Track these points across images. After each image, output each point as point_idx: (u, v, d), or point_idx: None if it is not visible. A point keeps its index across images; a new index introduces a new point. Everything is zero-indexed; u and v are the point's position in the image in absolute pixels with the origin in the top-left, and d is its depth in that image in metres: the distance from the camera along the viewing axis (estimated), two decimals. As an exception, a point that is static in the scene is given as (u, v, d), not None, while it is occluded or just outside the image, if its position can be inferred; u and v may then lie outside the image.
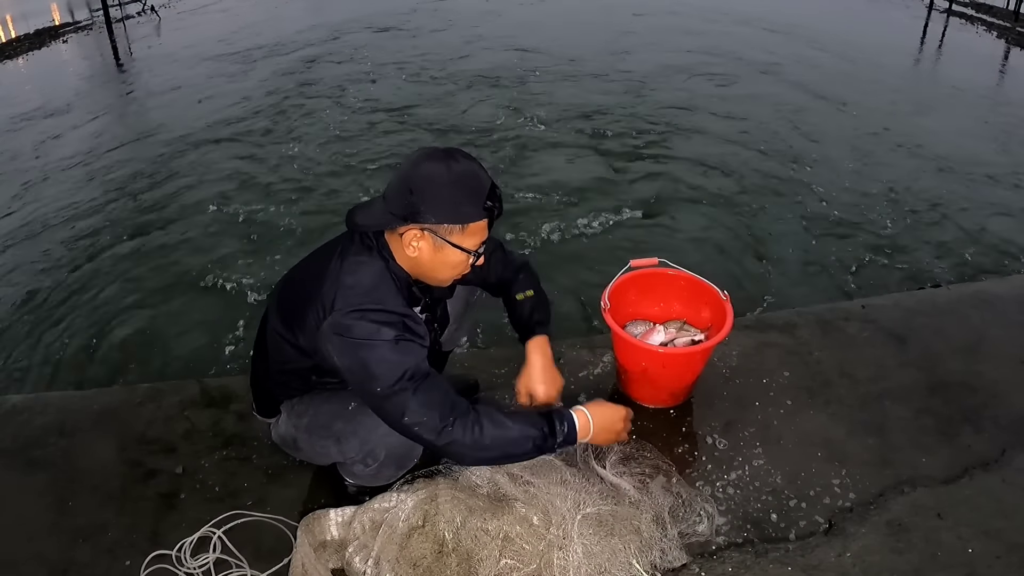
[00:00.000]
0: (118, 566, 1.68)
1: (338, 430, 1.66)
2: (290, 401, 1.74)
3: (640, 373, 2.05)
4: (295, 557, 1.62)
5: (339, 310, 1.46)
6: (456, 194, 1.45)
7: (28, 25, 9.03)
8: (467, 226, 1.48)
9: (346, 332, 1.45)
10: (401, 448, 1.66)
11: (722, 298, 2.07)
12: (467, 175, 1.46)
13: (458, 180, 1.45)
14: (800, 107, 6.01)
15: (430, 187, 1.44)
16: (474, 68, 6.97)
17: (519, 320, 1.86)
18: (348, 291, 1.48)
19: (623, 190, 4.59)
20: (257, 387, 1.81)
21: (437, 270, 1.55)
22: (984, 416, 2.12)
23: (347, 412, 1.66)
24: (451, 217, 1.46)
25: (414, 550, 1.59)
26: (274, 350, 1.66)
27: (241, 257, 3.88)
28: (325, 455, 1.73)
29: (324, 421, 1.68)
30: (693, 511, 1.78)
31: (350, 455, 1.67)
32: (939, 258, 3.88)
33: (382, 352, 1.44)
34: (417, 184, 1.45)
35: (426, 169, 1.45)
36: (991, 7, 9.53)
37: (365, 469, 1.69)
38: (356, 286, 1.49)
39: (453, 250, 1.50)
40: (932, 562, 1.67)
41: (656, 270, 2.20)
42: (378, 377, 1.44)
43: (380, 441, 1.63)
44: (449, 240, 1.48)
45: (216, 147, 5.33)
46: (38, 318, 3.47)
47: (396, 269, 1.55)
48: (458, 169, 1.45)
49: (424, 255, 1.51)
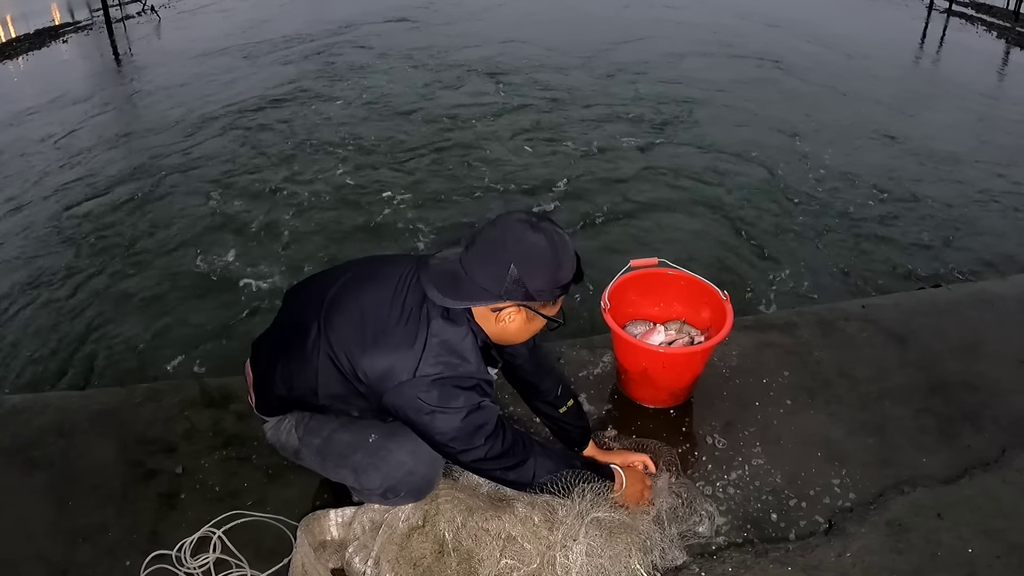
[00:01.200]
0: (118, 566, 1.68)
1: (357, 462, 1.62)
2: (301, 413, 1.68)
3: (640, 373, 2.05)
4: (295, 557, 1.62)
5: (426, 375, 1.44)
6: (556, 270, 1.42)
7: (28, 25, 9.02)
8: (559, 298, 1.49)
9: (430, 400, 1.44)
10: (423, 483, 1.64)
11: (722, 298, 2.07)
12: (563, 249, 1.43)
13: (557, 255, 1.42)
14: (799, 107, 6.01)
15: (535, 266, 1.40)
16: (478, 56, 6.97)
17: (570, 436, 1.87)
18: (436, 354, 1.45)
19: (621, 188, 4.59)
20: (264, 385, 1.68)
21: (519, 337, 1.54)
22: (984, 416, 2.12)
23: (368, 445, 1.61)
24: (550, 296, 1.45)
25: (414, 550, 1.59)
26: (324, 374, 1.54)
27: (242, 257, 3.88)
28: (338, 478, 1.69)
29: (342, 450, 1.63)
30: (694, 511, 1.78)
31: (368, 486, 1.63)
32: (938, 258, 3.89)
33: (461, 420, 1.46)
34: (521, 260, 1.39)
35: (528, 244, 1.40)
36: (991, 7, 9.53)
37: (383, 500, 1.66)
38: (443, 350, 1.46)
39: (541, 320, 1.51)
40: (932, 562, 1.67)
41: (656, 270, 2.20)
42: (457, 440, 1.48)
43: (403, 480, 1.61)
44: (541, 313, 1.49)
45: (216, 145, 5.33)
46: (38, 317, 3.47)
47: (476, 330, 1.51)
48: (557, 243, 1.42)
49: (515, 326, 1.50)
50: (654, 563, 1.63)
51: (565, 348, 2.37)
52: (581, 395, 2.16)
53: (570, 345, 2.40)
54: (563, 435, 1.87)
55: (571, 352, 2.35)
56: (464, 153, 5.12)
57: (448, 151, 5.16)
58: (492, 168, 4.89)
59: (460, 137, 5.39)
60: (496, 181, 4.70)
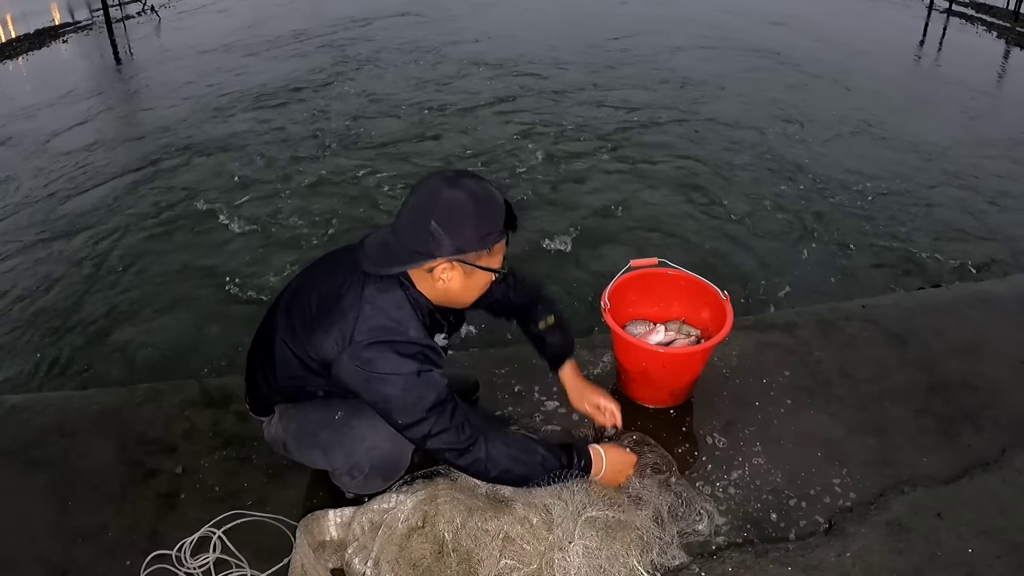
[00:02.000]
0: (118, 566, 1.68)
1: (323, 440, 1.66)
2: (284, 405, 1.74)
3: (640, 373, 2.05)
4: (295, 557, 1.61)
5: (360, 341, 1.45)
6: (481, 220, 1.44)
7: (28, 25, 9.02)
8: (494, 247, 1.49)
9: (367, 366, 1.45)
10: (386, 461, 1.67)
11: (722, 298, 2.06)
12: (486, 198, 1.45)
13: (480, 205, 1.44)
14: (797, 105, 6.01)
15: (455, 218, 1.42)
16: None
17: (548, 350, 1.91)
18: (369, 320, 1.47)
19: (619, 186, 4.59)
20: (254, 387, 1.79)
21: (466, 295, 1.55)
22: (984, 416, 2.12)
23: (333, 422, 1.65)
24: (479, 243, 1.45)
25: (414, 551, 1.59)
26: (281, 363, 1.63)
27: (243, 257, 3.88)
28: (313, 462, 1.74)
29: (311, 429, 1.68)
30: (693, 510, 1.78)
31: (336, 466, 1.69)
32: (937, 255, 3.89)
33: (403, 385, 1.45)
34: (440, 216, 1.41)
35: (446, 199, 1.42)
36: (991, 7, 9.53)
37: (352, 480, 1.71)
38: (376, 315, 1.48)
39: (483, 273, 1.50)
40: (932, 562, 1.67)
41: (656, 270, 2.20)
42: (401, 410, 1.46)
43: (365, 455, 1.63)
44: (478, 265, 1.48)
45: (217, 145, 5.33)
46: (38, 317, 3.47)
47: (416, 296, 1.53)
48: (478, 193, 1.43)
49: (454, 284, 1.50)
50: (653, 562, 1.63)
51: (590, 357, 2.37)
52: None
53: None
54: (544, 350, 1.93)
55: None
56: (469, 148, 5.13)
57: (453, 147, 5.17)
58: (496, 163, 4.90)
59: (463, 135, 5.39)
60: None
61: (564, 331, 1.92)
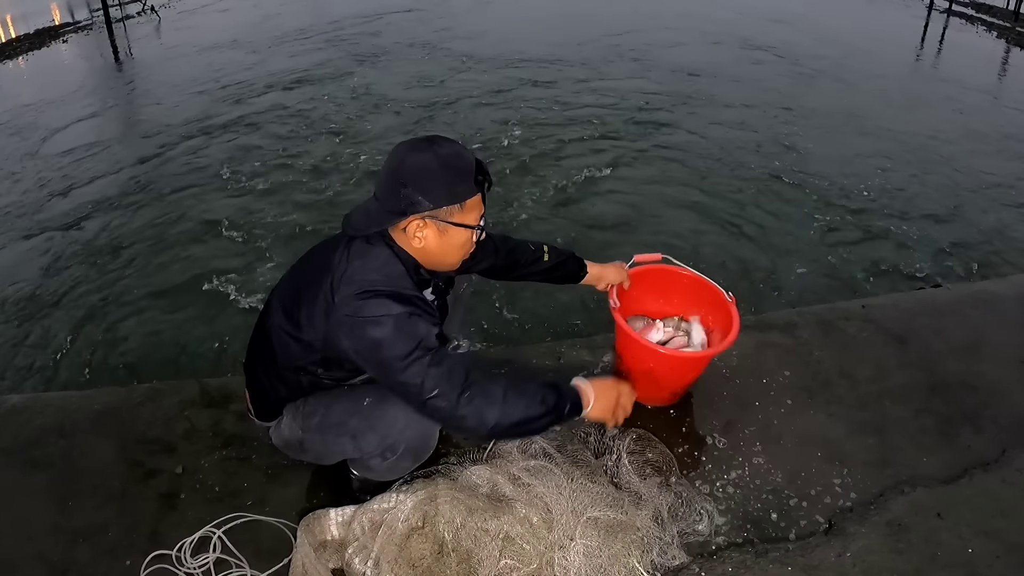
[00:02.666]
0: (118, 566, 1.68)
1: (354, 427, 1.65)
2: (294, 403, 1.72)
3: (645, 373, 2.05)
4: (295, 557, 1.62)
5: (347, 292, 1.48)
6: (448, 176, 1.49)
7: (28, 25, 9.03)
8: (464, 203, 1.52)
9: (355, 312, 1.47)
10: (419, 440, 1.68)
11: (727, 299, 2.06)
12: (453, 155, 1.50)
13: (446, 162, 1.49)
14: (795, 104, 6.01)
15: (422, 175, 1.48)
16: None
17: (566, 268, 2.04)
18: (355, 272, 1.51)
19: (615, 185, 4.60)
20: (256, 390, 1.77)
21: (446, 254, 1.57)
22: (984, 416, 2.12)
23: (363, 408, 1.66)
24: (448, 199, 1.49)
25: (414, 551, 1.60)
26: (280, 348, 1.64)
27: (244, 256, 3.88)
28: (339, 452, 1.72)
29: (338, 419, 1.67)
30: (693, 510, 1.78)
31: (368, 450, 1.67)
32: (937, 257, 3.89)
33: (394, 326, 1.46)
34: (408, 176, 1.48)
35: (413, 160, 1.49)
36: (991, 7, 9.54)
37: (383, 463, 1.69)
38: (363, 268, 1.52)
39: (458, 230, 1.53)
40: (932, 562, 1.67)
41: (661, 267, 2.20)
42: (392, 350, 1.46)
43: (400, 435, 1.64)
44: (451, 221, 1.52)
45: (218, 144, 5.33)
46: (38, 317, 3.47)
47: (402, 254, 1.57)
48: (444, 152, 1.49)
49: (431, 242, 1.54)
50: (653, 562, 1.63)
51: (565, 348, 2.37)
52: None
53: (570, 345, 2.40)
54: (563, 275, 2.05)
55: (571, 352, 2.35)
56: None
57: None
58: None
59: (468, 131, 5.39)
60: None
61: (560, 249, 2.04)
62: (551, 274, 2.04)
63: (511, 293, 3.33)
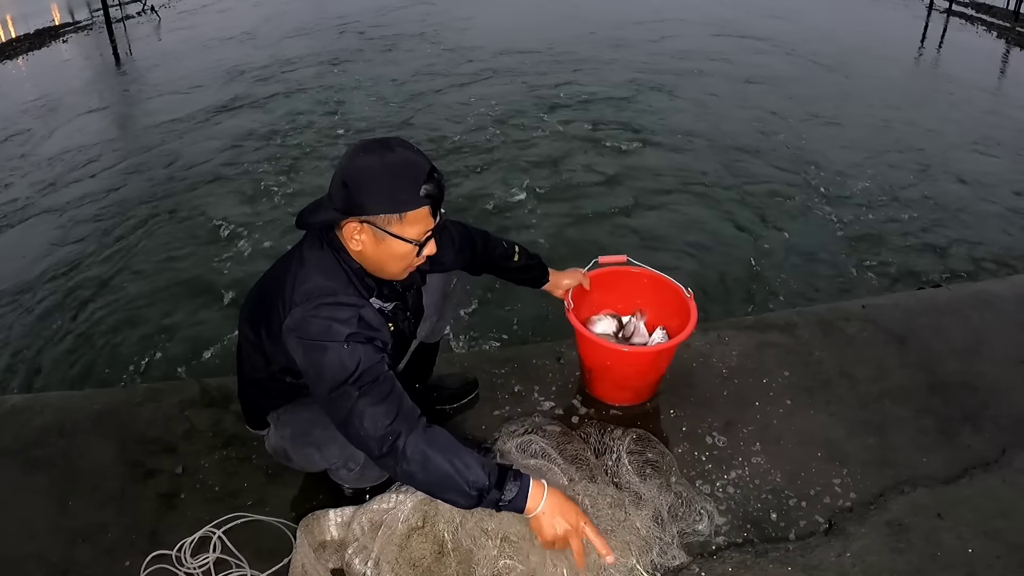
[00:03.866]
0: (118, 566, 1.68)
1: (317, 437, 1.65)
2: (275, 412, 1.73)
3: (604, 371, 2.06)
4: (295, 557, 1.62)
5: (297, 304, 1.45)
6: (391, 183, 1.41)
7: (28, 25, 9.03)
8: (405, 215, 1.43)
9: (302, 332, 1.43)
10: None
11: (686, 295, 2.07)
12: (402, 163, 1.42)
13: (392, 168, 1.41)
14: (793, 103, 6.01)
15: (364, 178, 1.41)
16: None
17: (530, 273, 2.03)
18: (302, 284, 1.47)
19: (613, 183, 4.60)
20: (244, 400, 1.79)
21: (384, 263, 1.50)
22: (984, 416, 2.12)
23: (324, 418, 1.60)
24: (387, 207, 1.42)
25: (413, 551, 1.59)
26: (248, 359, 1.64)
27: (244, 257, 3.88)
28: (312, 463, 1.72)
29: (304, 429, 1.67)
30: (693, 510, 1.78)
31: (332, 461, 1.68)
32: (937, 257, 3.89)
33: (332, 354, 1.40)
34: (352, 176, 1.42)
35: (360, 161, 1.42)
36: (991, 7, 9.54)
37: (349, 473, 1.71)
38: (309, 278, 1.48)
39: (396, 241, 1.45)
40: (932, 562, 1.67)
41: (619, 268, 2.20)
42: (325, 379, 1.40)
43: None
44: (388, 231, 1.44)
45: (218, 143, 5.33)
46: (39, 317, 3.47)
47: (347, 260, 1.52)
48: (392, 158, 1.41)
49: (367, 248, 1.48)
50: (653, 562, 1.63)
51: (565, 348, 2.37)
52: (577, 396, 2.17)
53: (571, 345, 2.40)
54: (527, 279, 2.04)
55: (571, 352, 2.35)
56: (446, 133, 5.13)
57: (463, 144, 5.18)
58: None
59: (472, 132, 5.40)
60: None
61: (529, 252, 2.02)
62: (516, 275, 2.02)
63: (511, 293, 3.33)
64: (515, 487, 1.40)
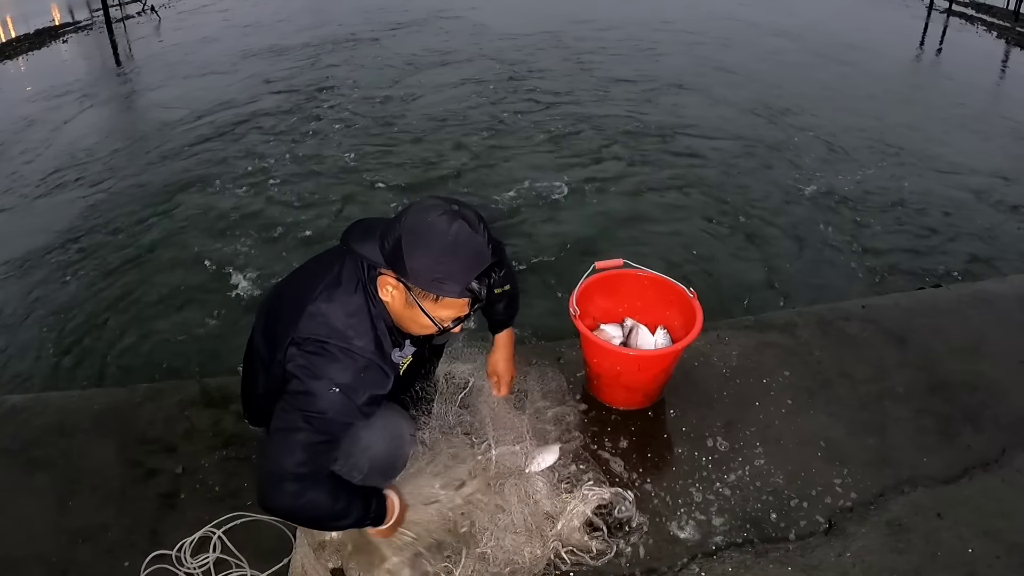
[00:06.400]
0: (118, 566, 1.68)
1: None
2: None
3: (614, 376, 2.05)
4: (295, 558, 1.62)
5: (301, 338, 1.41)
6: (442, 264, 1.33)
7: (28, 25, 9.03)
8: (441, 299, 1.37)
9: (300, 372, 1.40)
10: (384, 461, 1.64)
11: (688, 296, 2.07)
12: (462, 247, 1.33)
13: (452, 250, 1.33)
14: (792, 104, 6.00)
15: (419, 245, 1.33)
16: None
17: (494, 315, 1.89)
18: (315, 319, 1.42)
19: (613, 184, 4.60)
20: (247, 397, 1.79)
21: (404, 323, 1.46)
22: (984, 416, 2.12)
23: None
24: (426, 284, 1.35)
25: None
26: (261, 370, 1.62)
27: (245, 257, 3.88)
28: None
29: None
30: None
31: (336, 468, 1.64)
32: (937, 257, 3.89)
33: (316, 396, 1.39)
34: (410, 234, 1.34)
35: (426, 224, 1.34)
36: (991, 7, 9.53)
37: (353, 481, 1.68)
38: (330, 311, 1.42)
39: (423, 315, 1.41)
40: (932, 562, 1.67)
41: (621, 271, 2.19)
42: (300, 426, 1.39)
43: (362, 455, 1.61)
44: (420, 304, 1.38)
45: (219, 142, 5.33)
46: (39, 317, 3.46)
47: (382, 312, 1.46)
48: (455, 238, 1.32)
49: (395, 305, 1.43)
50: None
51: (565, 348, 2.37)
52: (576, 396, 2.17)
53: (570, 345, 2.39)
54: (490, 313, 1.87)
55: (571, 352, 2.35)
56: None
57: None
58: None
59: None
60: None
61: (514, 301, 1.89)
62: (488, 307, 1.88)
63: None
64: (379, 507, 1.55)
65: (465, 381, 2.01)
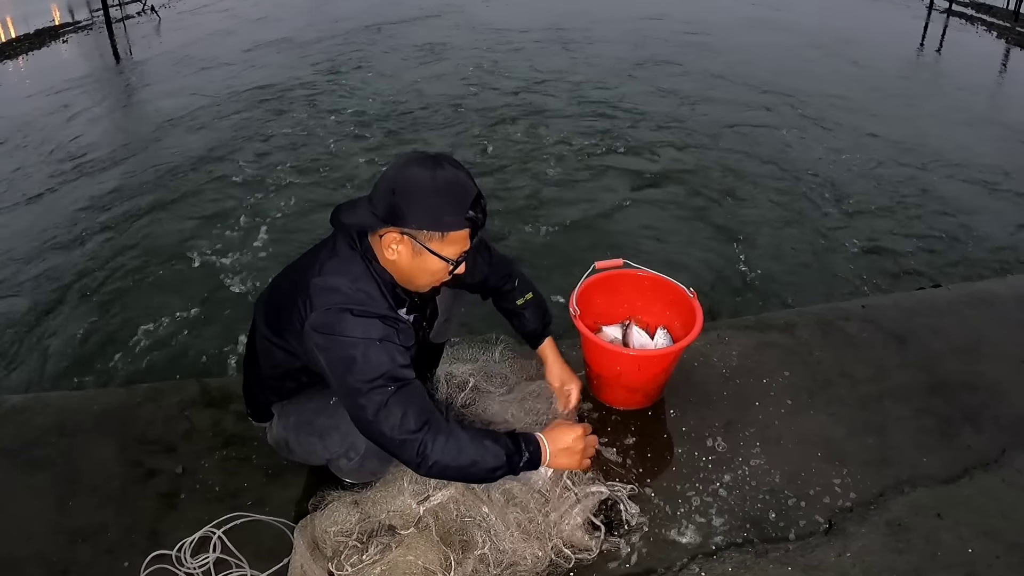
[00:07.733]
0: (118, 566, 1.68)
1: (320, 425, 1.68)
2: (280, 403, 1.77)
3: (615, 377, 2.05)
4: (294, 558, 1.62)
5: (320, 308, 1.47)
6: (439, 201, 1.44)
7: (28, 25, 9.03)
8: (447, 234, 1.46)
9: (327, 329, 1.46)
10: None
11: (688, 295, 2.07)
12: (452, 183, 1.45)
13: (442, 187, 1.43)
14: (792, 104, 6.01)
15: (413, 191, 1.43)
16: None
17: (526, 326, 1.94)
18: (330, 292, 1.48)
19: (612, 184, 4.60)
20: (250, 393, 1.83)
21: (415, 276, 1.54)
22: (984, 416, 2.12)
23: (329, 407, 1.67)
24: (431, 224, 1.45)
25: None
26: (264, 355, 1.68)
27: (245, 257, 3.88)
28: (313, 453, 1.75)
29: (308, 418, 1.71)
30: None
31: (333, 449, 1.70)
32: (937, 257, 3.89)
33: (363, 350, 1.44)
34: (400, 187, 1.44)
35: (411, 173, 1.44)
36: (991, 7, 9.54)
37: (348, 463, 1.71)
38: (338, 287, 1.49)
39: (432, 257, 1.48)
40: (932, 562, 1.67)
41: (621, 271, 2.19)
42: (356, 373, 1.43)
43: (359, 435, 1.61)
44: (428, 247, 1.47)
45: (219, 143, 5.33)
46: (39, 316, 3.47)
47: (379, 270, 1.54)
48: (443, 176, 1.44)
49: (403, 260, 1.50)
50: None
51: (565, 348, 2.36)
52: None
53: (570, 345, 2.39)
54: (521, 327, 1.95)
55: (571, 352, 2.34)
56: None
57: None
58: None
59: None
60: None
61: (542, 308, 1.95)
62: (511, 318, 1.96)
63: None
64: (531, 447, 1.56)
65: (465, 381, 2.01)
